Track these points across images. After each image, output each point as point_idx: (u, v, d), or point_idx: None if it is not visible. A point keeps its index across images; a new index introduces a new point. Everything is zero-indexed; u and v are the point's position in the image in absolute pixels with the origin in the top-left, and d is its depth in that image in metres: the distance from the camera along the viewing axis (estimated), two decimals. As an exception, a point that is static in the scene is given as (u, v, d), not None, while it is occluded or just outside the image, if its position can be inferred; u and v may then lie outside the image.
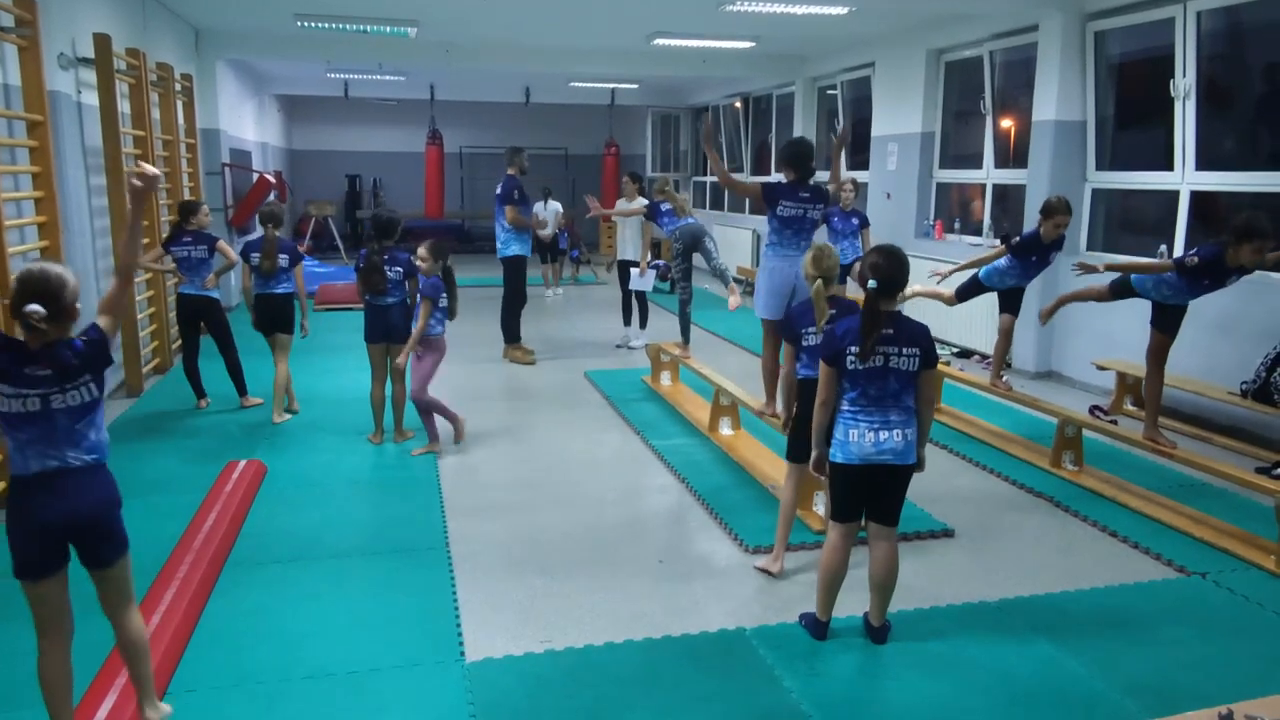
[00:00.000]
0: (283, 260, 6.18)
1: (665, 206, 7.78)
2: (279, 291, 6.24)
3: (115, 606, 2.76)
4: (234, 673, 3.21)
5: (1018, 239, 5.72)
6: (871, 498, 3.39)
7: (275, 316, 6.26)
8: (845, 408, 3.32)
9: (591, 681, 3.19)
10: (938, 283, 6.22)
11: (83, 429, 2.60)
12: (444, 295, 5.48)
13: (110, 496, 2.68)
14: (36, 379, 2.51)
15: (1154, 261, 4.98)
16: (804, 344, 3.91)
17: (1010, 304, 5.99)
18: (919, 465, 3.38)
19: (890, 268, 3.23)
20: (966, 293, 6.05)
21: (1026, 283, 5.92)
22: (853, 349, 3.22)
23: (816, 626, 3.51)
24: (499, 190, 8.16)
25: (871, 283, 3.21)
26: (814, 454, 3.48)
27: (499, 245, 8.25)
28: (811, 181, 5.19)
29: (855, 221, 8.18)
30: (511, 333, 8.40)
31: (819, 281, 3.71)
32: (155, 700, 2.85)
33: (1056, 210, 5.49)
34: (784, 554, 4.10)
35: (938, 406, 6.61)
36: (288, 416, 6.35)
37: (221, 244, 6.36)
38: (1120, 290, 5.18)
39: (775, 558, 4.08)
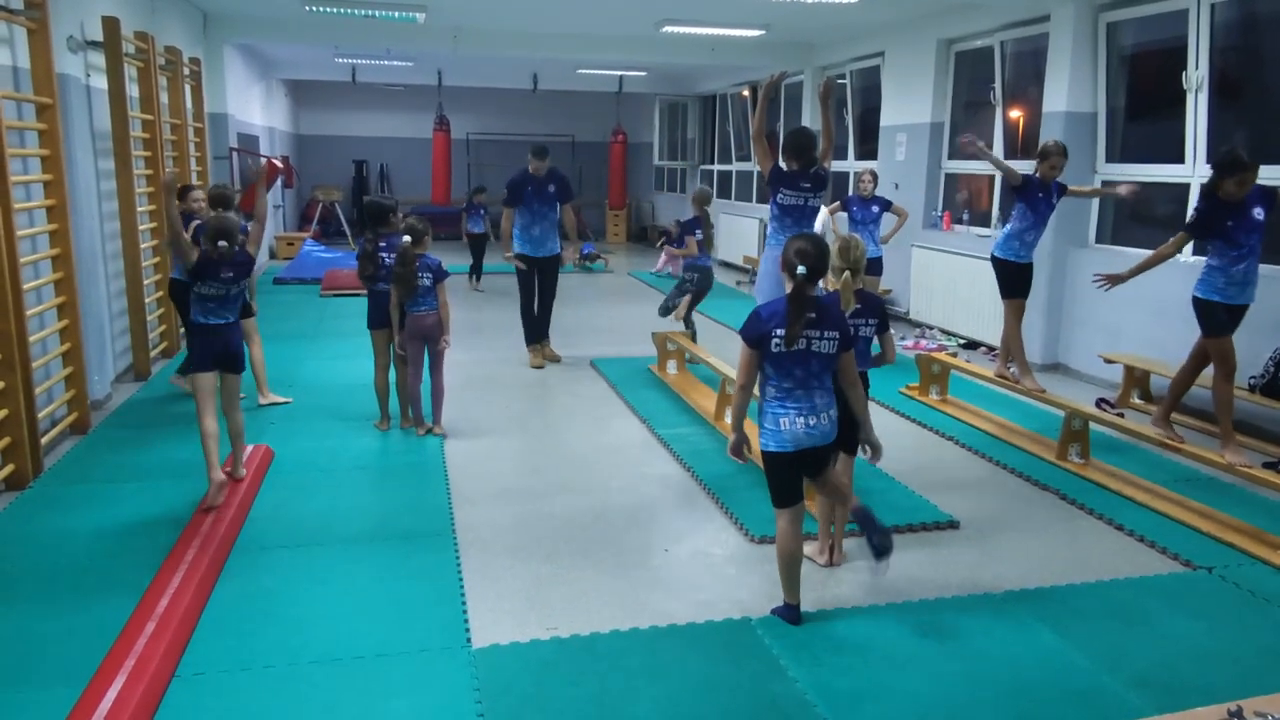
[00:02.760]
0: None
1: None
2: None
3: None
4: (241, 656, 3.22)
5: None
6: (805, 476, 3.52)
7: None
8: (772, 395, 3.40)
9: (597, 669, 3.20)
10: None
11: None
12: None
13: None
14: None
15: (1169, 244, 4.91)
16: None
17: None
18: (876, 449, 3.65)
19: (819, 255, 3.34)
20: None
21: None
22: (778, 332, 3.29)
23: (790, 612, 3.53)
24: None
25: (800, 269, 3.28)
26: (731, 438, 3.53)
27: None
28: (813, 170, 5.27)
29: (875, 209, 7.90)
30: (526, 334, 7.89)
31: (847, 273, 3.70)
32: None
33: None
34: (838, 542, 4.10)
35: (944, 398, 6.62)
36: (276, 399, 6.33)
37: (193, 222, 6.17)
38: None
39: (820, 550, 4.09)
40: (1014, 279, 5.91)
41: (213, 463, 4.43)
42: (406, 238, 5.43)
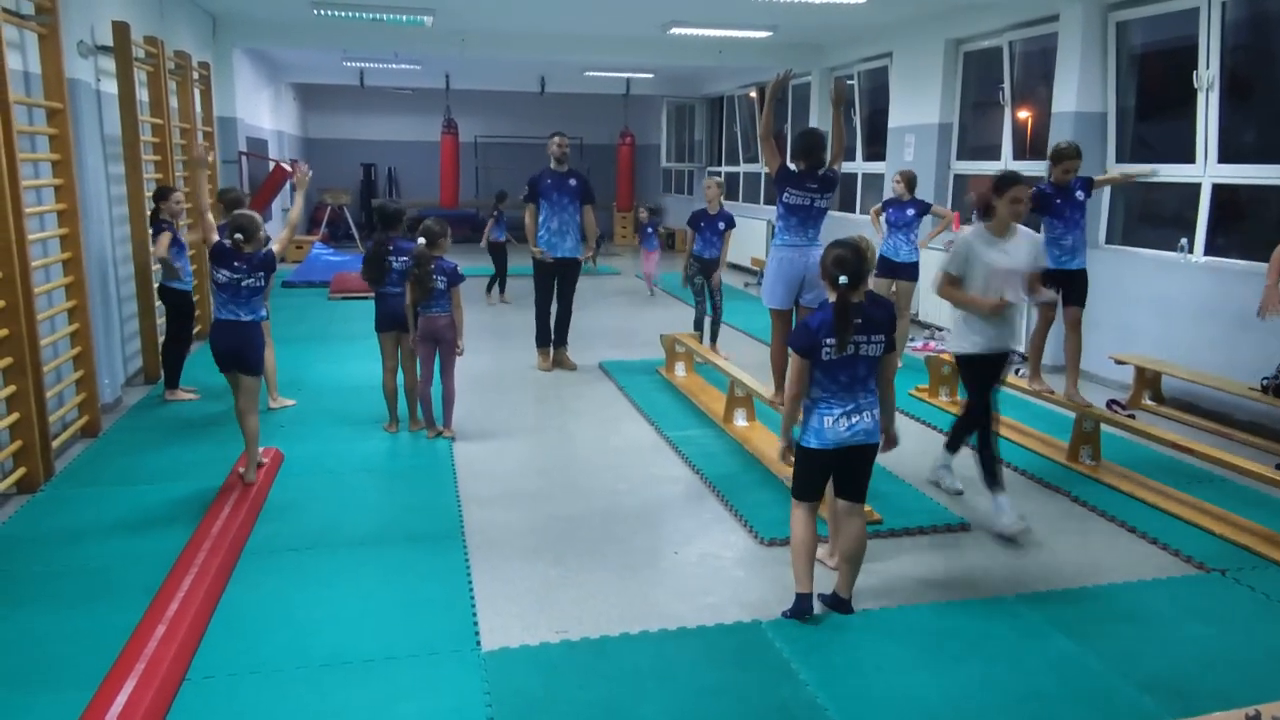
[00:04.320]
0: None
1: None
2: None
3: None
4: (251, 660, 3.23)
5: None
6: (841, 477, 3.55)
7: None
8: (817, 395, 3.47)
9: (606, 672, 3.20)
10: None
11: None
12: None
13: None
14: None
15: None
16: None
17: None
18: (893, 440, 3.64)
19: (857, 261, 3.38)
20: None
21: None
22: (829, 341, 3.36)
23: (802, 602, 3.53)
24: None
25: (842, 278, 3.34)
26: (781, 444, 3.63)
27: None
28: (821, 172, 5.25)
29: (910, 212, 7.57)
30: (538, 336, 7.81)
31: None
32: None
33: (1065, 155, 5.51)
34: None
35: (955, 400, 6.59)
36: (287, 402, 6.34)
37: (163, 234, 6.16)
38: None
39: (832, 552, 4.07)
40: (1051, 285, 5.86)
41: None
42: (422, 240, 5.44)
